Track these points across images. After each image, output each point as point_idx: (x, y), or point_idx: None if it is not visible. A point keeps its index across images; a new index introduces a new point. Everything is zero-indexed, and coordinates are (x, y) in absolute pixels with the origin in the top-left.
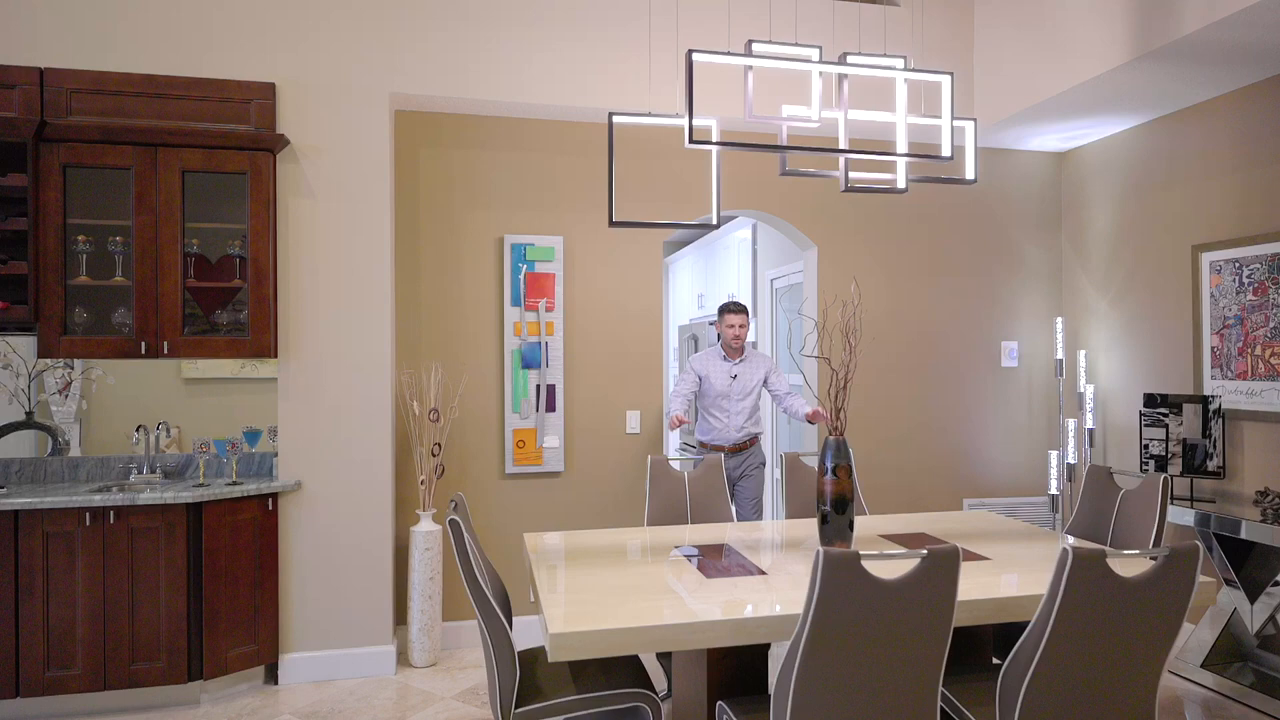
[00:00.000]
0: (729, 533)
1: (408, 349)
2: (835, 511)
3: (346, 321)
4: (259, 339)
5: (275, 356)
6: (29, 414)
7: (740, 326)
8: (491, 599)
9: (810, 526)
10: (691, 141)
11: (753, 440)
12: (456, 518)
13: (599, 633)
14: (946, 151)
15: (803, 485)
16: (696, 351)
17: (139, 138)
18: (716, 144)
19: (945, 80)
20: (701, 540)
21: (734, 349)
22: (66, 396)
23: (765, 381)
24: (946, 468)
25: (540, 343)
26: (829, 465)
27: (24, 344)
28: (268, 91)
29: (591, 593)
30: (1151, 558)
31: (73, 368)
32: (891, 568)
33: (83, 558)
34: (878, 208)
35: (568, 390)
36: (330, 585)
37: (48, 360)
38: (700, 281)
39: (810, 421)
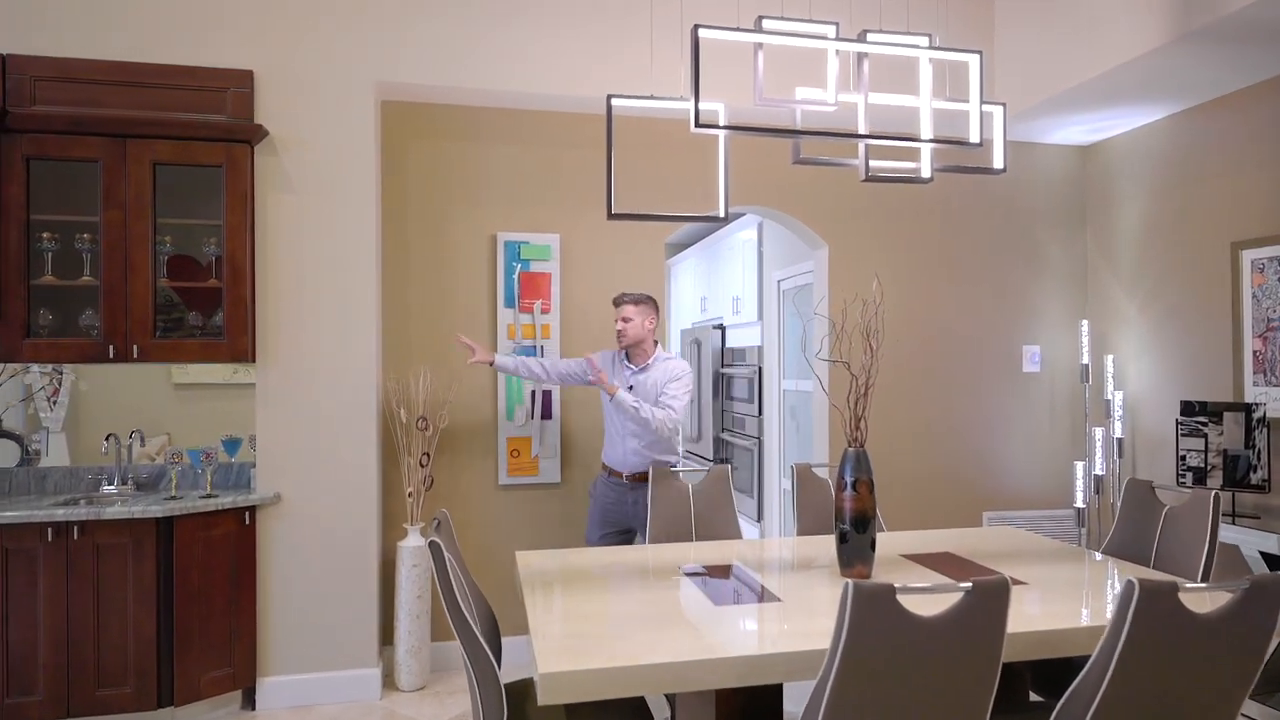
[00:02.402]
0: (737, 551)
1: (395, 353)
2: (855, 530)
3: (330, 324)
4: (235, 342)
5: (253, 361)
6: None
7: (625, 321)
8: (476, 629)
9: (825, 544)
10: (697, 125)
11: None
12: (438, 539)
13: (595, 672)
14: (975, 137)
15: (815, 499)
16: (700, 358)
17: (107, 128)
18: (724, 128)
19: (973, 60)
20: (708, 559)
21: (633, 353)
22: (54, 403)
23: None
24: (965, 479)
25: (536, 346)
26: (848, 479)
27: None
28: (245, 80)
29: (588, 622)
30: (1229, 590)
31: (61, 373)
32: (931, 602)
33: (45, 576)
34: (891, 204)
35: (564, 397)
36: (312, 604)
37: (31, 366)
38: (703, 284)
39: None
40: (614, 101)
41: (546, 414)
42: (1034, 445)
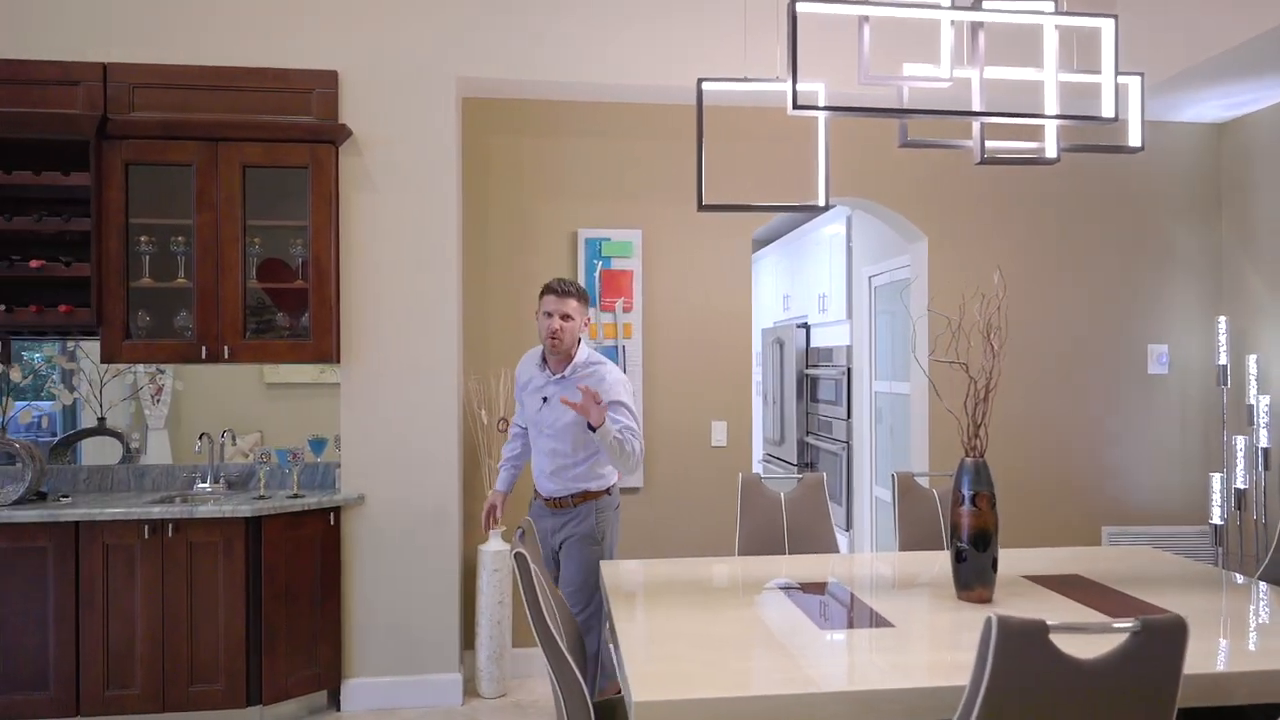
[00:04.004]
0: (833, 566)
1: (475, 353)
2: (974, 548)
3: (411, 324)
4: (321, 343)
5: (337, 361)
6: (100, 420)
7: (563, 318)
8: (563, 645)
9: (931, 561)
10: (796, 107)
11: (580, 497)
12: (523, 550)
13: (695, 703)
14: (1109, 111)
15: (918, 511)
16: (782, 358)
17: (200, 132)
18: (825, 109)
19: (1107, 24)
20: (802, 574)
21: (554, 355)
22: (157, 401)
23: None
24: (1082, 491)
25: (617, 346)
26: (966, 493)
27: (96, 348)
28: (330, 80)
29: (679, 642)
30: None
31: (163, 372)
32: (1089, 641)
33: (142, 572)
34: (997, 192)
35: (647, 398)
36: (395, 607)
37: (136, 365)
38: (786, 281)
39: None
40: (705, 86)
41: None
42: (1161, 455)
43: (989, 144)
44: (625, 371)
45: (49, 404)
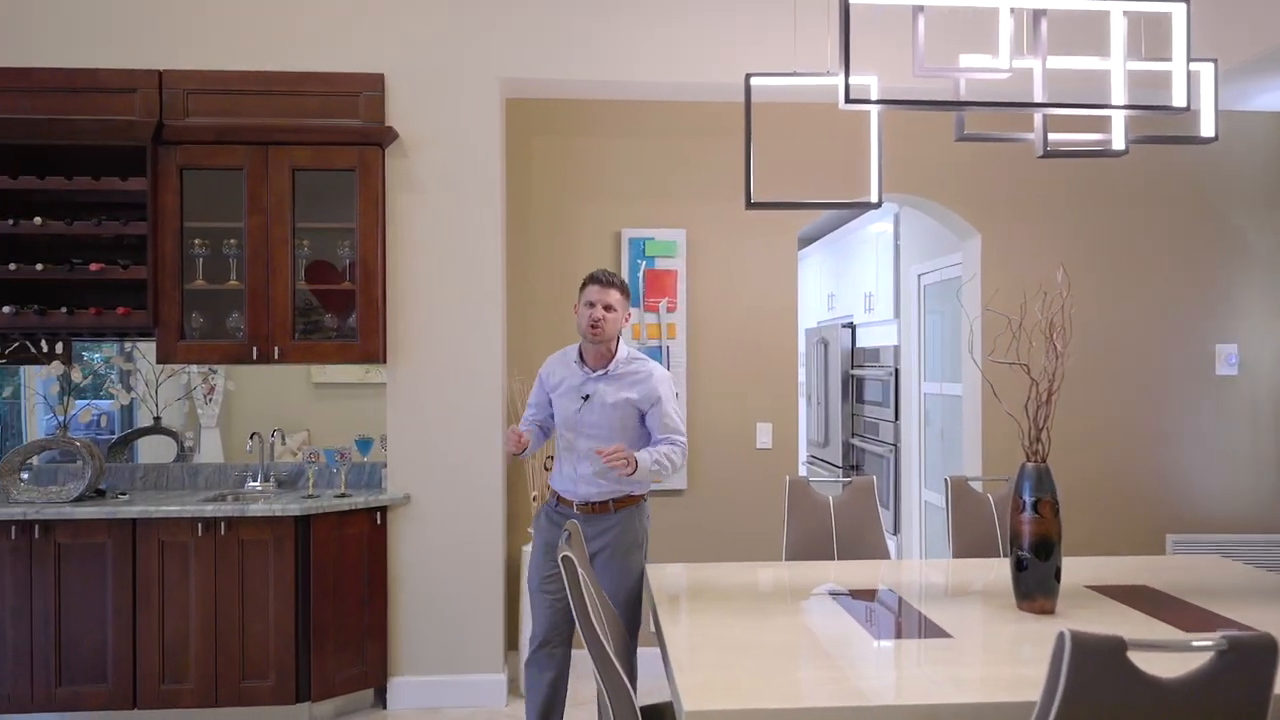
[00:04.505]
0: (884, 573)
1: (519, 354)
2: (1036, 557)
3: (456, 325)
4: (367, 343)
5: (384, 362)
6: (156, 419)
7: (606, 309)
8: (610, 649)
9: (987, 568)
10: (848, 101)
11: (622, 501)
12: (570, 553)
13: (747, 714)
14: (1180, 100)
15: (973, 517)
16: (827, 358)
17: (250, 136)
18: (878, 102)
19: (1178, 9)
20: (851, 580)
21: (594, 348)
22: (209, 400)
23: (645, 416)
24: (1145, 496)
25: (661, 346)
26: (1028, 499)
27: (152, 349)
28: (376, 83)
29: (730, 650)
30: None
31: (215, 372)
32: (1169, 660)
33: (196, 569)
34: (1055, 186)
35: (691, 399)
36: (440, 606)
37: (189, 365)
38: (830, 280)
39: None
40: (753, 82)
41: None
42: (1229, 459)
43: (1051, 136)
44: (669, 372)
45: (108, 403)
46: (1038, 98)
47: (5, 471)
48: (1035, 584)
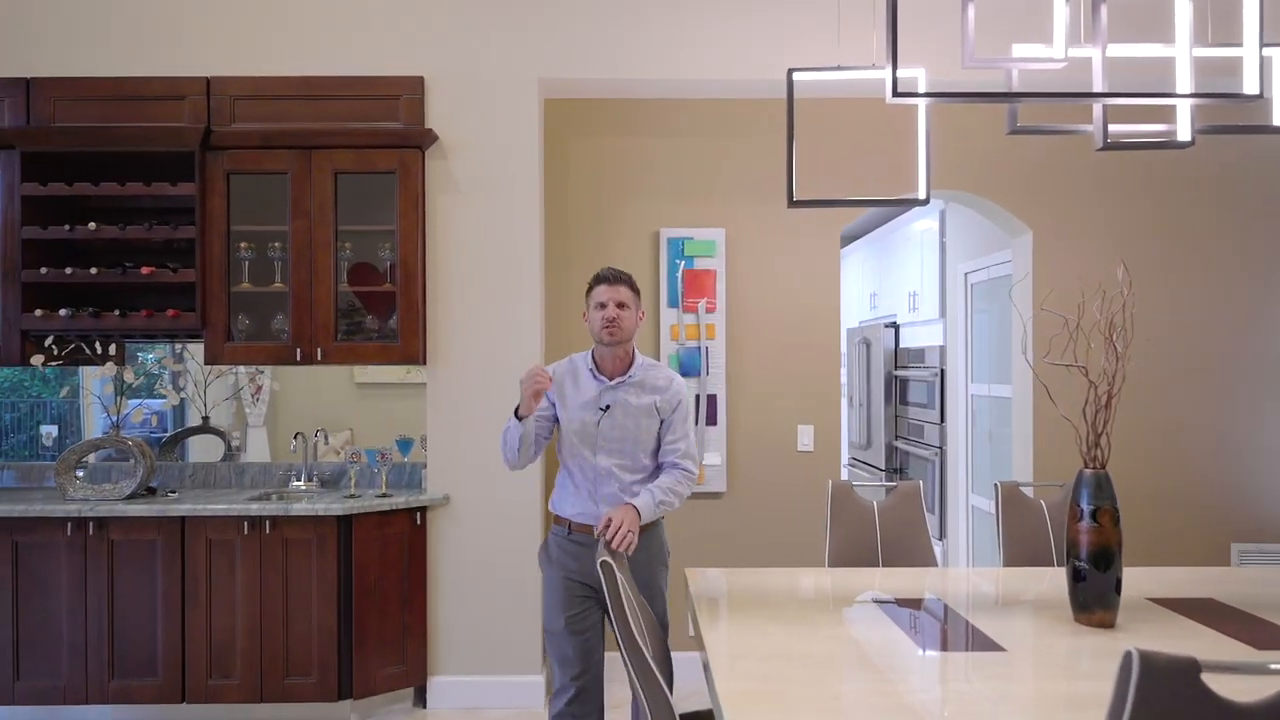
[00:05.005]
0: (930, 581)
1: (557, 355)
2: (1095, 567)
3: (495, 325)
4: (408, 345)
5: (424, 363)
6: (204, 419)
7: (619, 306)
8: (649, 656)
9: (1040, 578)
10: (895, 94)
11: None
12: (609, 559)
13: None
14: (1252, 87)
15: (1025, 524)
16: (869, 359)
17: (294, 141)
18: (927, 95)
19: None
20: (897, 588)
21: (612, 353)
22: (257, 400)
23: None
24: (1209, 504)
25: (700, 347)
26: (1086, 508)
27: (201, 350)
28: (416, 86)
29: (773, 661)
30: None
31: (262, 372)
32: (1245, 683)
33: (242, 566)
34: (1108, 180)
35: (730, 401)
36: (479, 607)
37: (238, 366)
38: (873, 279)
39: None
40: (795, 77)
41: (711, 419)
42: None
43: (1111, 128)
44: (708, 373)
45: (159, 403)
46: (1097, 87)
47: (62, 470)
48: (1094, 596)
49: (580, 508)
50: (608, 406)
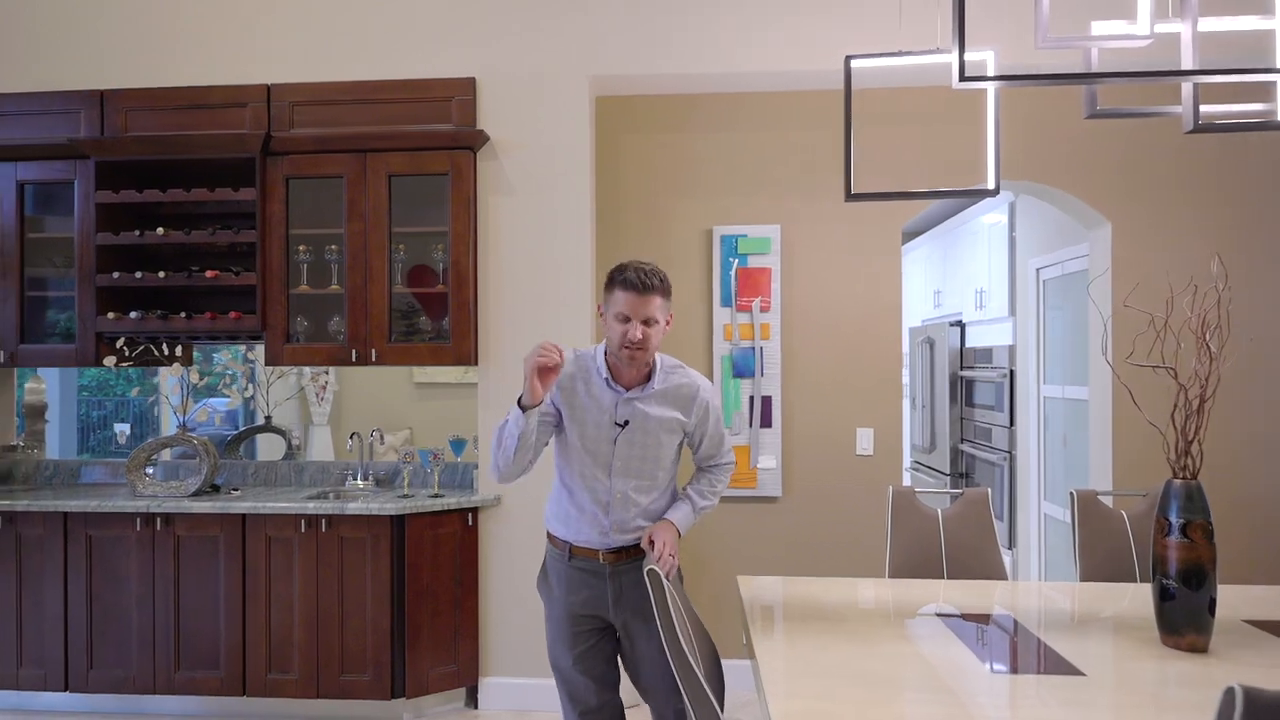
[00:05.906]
0: (999, 595)
1: None
2: (1186, 586)
3: (546, 325)
4: (460, 345)
5: (475, 363)
6: (267, 418)
7: (645, 324)
8: (698, 669)
9: (1121, 595)
10: (963, 79)
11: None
12: (656, 566)
13: None
14: None
15: (1104, 536)
16: (933, 359)
17: (350, 145)
18: (997, 79)
19: None
20: (963, 602)
21: (630, 364)
22: (322, 400)
23: (690, 439)
24: None
25: (754, 348)
26: (1175, 521)
27: (263, 350)
28: (468, 87)
29: (830, 678)
30: None
31: (327, 372)
32: None
33: (300, 564)
34: (1195, 167)
35: (785, 403)
36: (528, 609)
37: (303, 368)
38: (937, 276)
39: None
40: (853, 64)
41: (766, 421)
42: None
43: (1202, 109)
44: (763, 374)
45: (224, 402)
46: (1186, 64)
47: (133, 467)
48: (1184, 617)
49: (586, 535)
50: (626, 422)
